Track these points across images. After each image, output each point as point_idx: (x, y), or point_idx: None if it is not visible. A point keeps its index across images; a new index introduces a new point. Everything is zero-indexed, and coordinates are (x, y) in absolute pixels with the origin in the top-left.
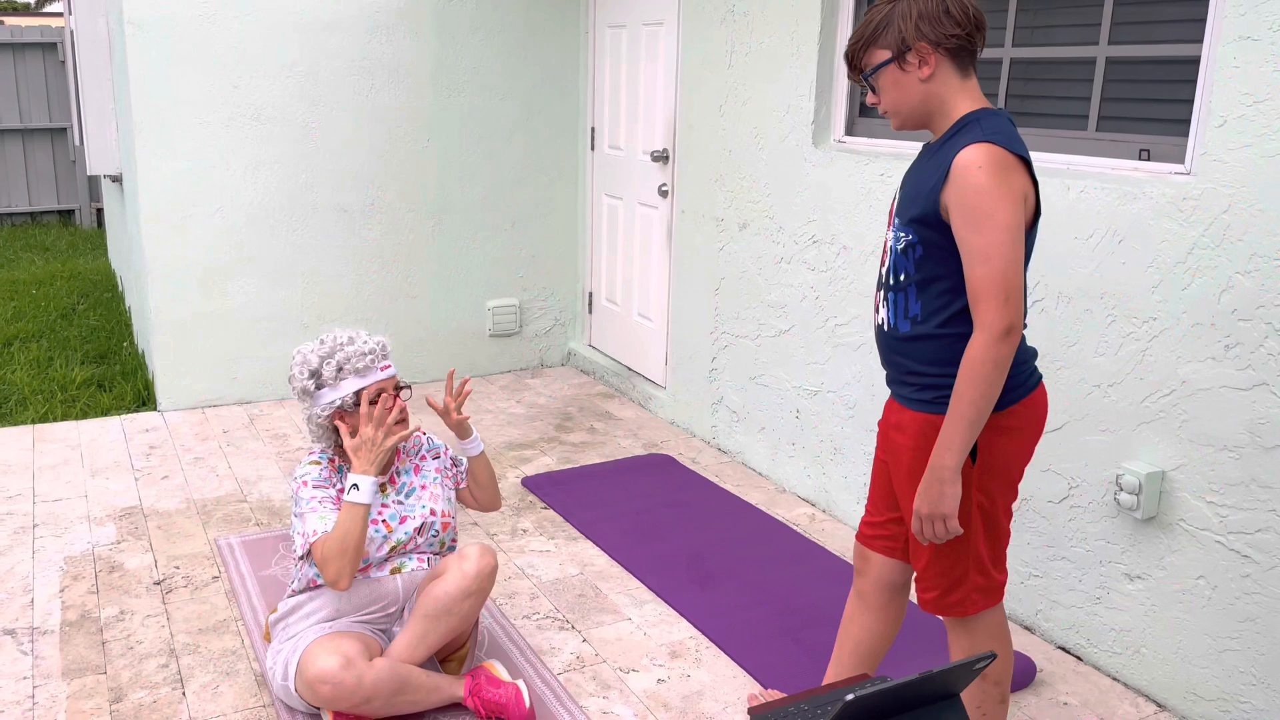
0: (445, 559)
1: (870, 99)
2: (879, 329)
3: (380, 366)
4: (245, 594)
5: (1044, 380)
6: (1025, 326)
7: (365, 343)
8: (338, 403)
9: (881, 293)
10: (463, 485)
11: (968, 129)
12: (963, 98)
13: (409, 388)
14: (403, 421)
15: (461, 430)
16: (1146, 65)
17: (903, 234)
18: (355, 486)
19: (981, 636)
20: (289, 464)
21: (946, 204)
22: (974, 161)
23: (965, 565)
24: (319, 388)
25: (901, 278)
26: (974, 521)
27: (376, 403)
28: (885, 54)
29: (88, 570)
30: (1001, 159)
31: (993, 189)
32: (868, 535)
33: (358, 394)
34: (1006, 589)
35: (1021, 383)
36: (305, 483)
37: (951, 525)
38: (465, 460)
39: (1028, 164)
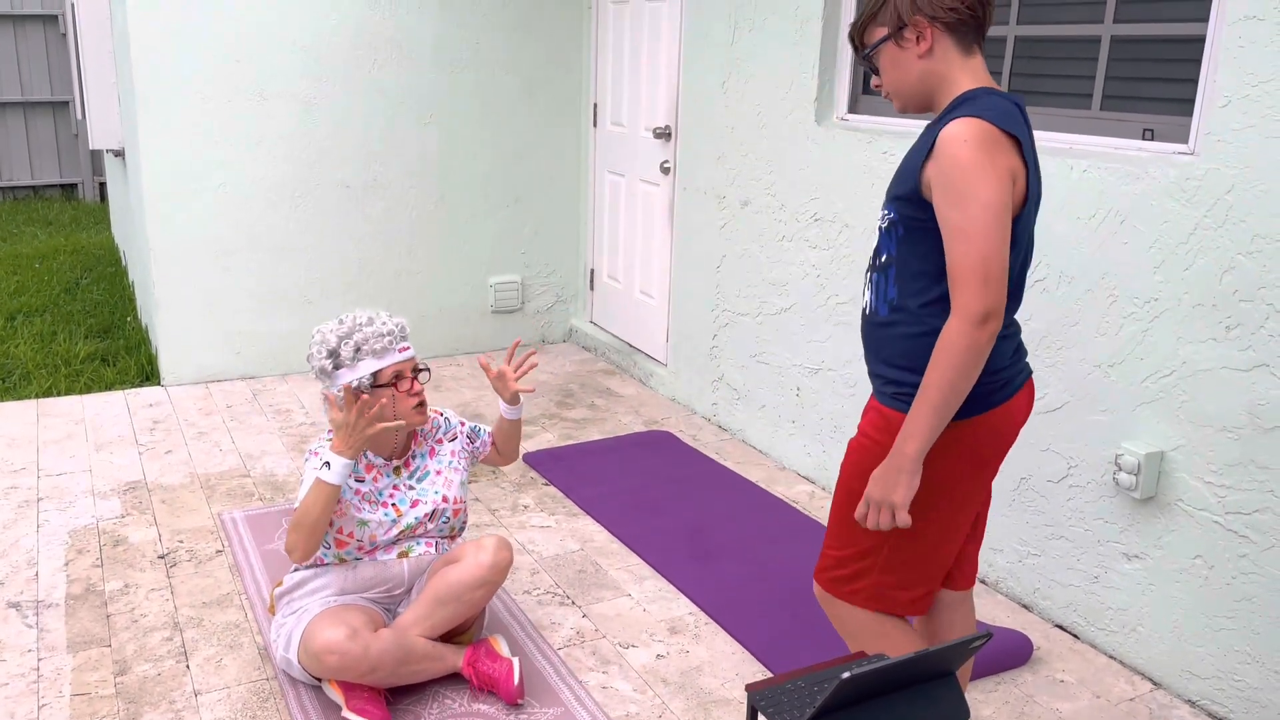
0: (463, 546)
1: (875, 82)
2: (862, 313)
3: (399, 348)
4: (249, 568)
5: (1033, 376)
6: (1016, 329)
7: (384, 324)
8: (355, 383)
9: (868, 274)
10: (484, 454)
11: (963, 105)
12: (964, 76)
13: (428, 369)
14: (421, 405)
15: (512, 399)
16: (1151, 44)
17: (886, 211)
18: (327, 465)
19: (864, 631)
20: (292, 439)
21: (929, 180)
22: (959, 135)
23: (872, 561)
24: (337, 368)
25: (884, 258)
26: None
27: (394, 385)
28: (883, 31)
29: (92, 544)
30: (988, 134)
31: (976, 164)
32: None
33: (375, 375)
34: (1003, 568)
35: (983, 395)
36: (315, 453)
37: (901, 517)
38: (486, 433)
39: (1020, 144)
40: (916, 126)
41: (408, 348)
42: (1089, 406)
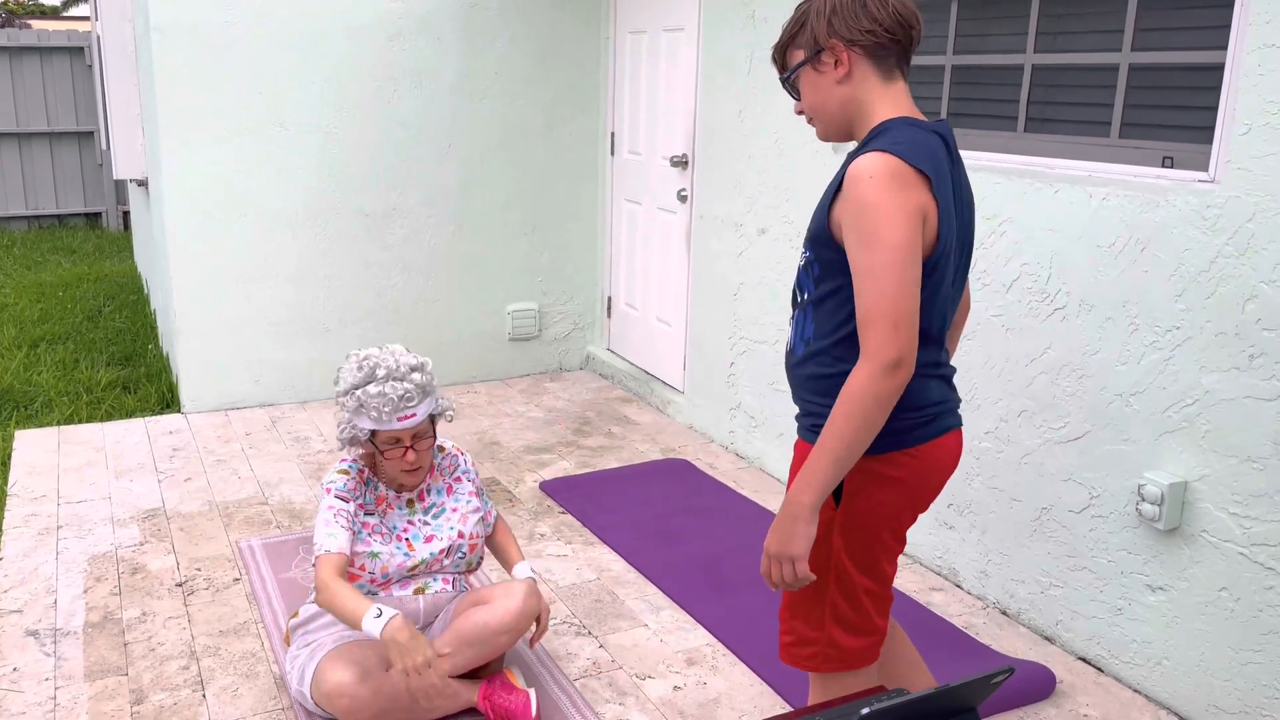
0: (493, 587)
1: (797, 107)
2: (786, 351)
3: (399, 417)
4: (266, 596)
5: (961, 428)
6: (948, 370)
7: (394, 388)
8: (355, 433)
9: (792, 314)
10: (486, 532)
11: (877, 138)
12: (884, 104)
13: (433, 434)
14: (414, 471)
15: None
16: (1170, 72)
17: (805, 251)
18: (379, 614)
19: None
20: (310, 467)
21: (838, 219)
22: (865, 171)
23: (821, 616)
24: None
25: (804, 297)
26: (830, 572)
27: (395, 450)
28: (801, 54)
29: (110, 572)
30: (896, 170)
31: (882, 202)
32: None
33: (373, 433)
34: (1025, 599)
35: (911, 428)
36: (329, 490)
37: (801, 570)
38: (494, 515)
39: (932, 181)
40: None
41: (409, 416)
42: (1111, 436)
